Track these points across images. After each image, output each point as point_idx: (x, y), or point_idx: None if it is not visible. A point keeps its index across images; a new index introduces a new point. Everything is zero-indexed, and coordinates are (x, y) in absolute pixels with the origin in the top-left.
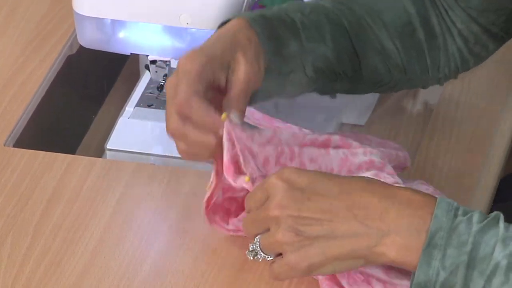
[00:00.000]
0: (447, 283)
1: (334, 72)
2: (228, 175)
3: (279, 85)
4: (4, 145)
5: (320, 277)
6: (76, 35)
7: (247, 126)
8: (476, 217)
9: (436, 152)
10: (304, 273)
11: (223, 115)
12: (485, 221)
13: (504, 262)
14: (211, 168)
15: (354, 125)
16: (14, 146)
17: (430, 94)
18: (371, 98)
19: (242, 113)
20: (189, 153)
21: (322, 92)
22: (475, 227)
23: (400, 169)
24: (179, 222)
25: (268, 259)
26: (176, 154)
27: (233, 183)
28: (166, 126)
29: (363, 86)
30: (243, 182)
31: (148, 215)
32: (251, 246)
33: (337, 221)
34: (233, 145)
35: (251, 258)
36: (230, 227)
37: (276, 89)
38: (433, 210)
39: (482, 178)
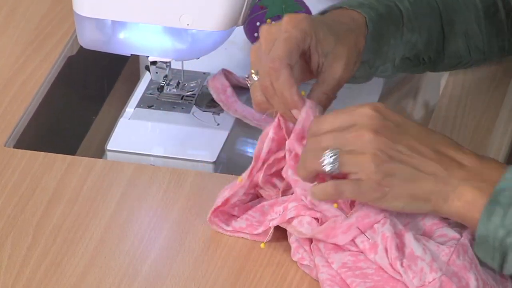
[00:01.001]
0: (505, 242)
1: (419, 59)
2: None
3: (367, 75)
4: (5, 145)
5: (323, 277)
6: (76, 36)
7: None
8: None
9: None
10: (372, 199)
11: (303, 92)
12: None
13: None
14: (211, 169)
15: None
16: (14, 146)
17: (430, 94)
18: (371, 98)
19: (324, 110)
20: (263, 107)
21: (405, 72)
22: None
23: None
24: (179, 223)
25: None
26: (176, 155)
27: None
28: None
29: (441, 67)
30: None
31: (148, 216)
32: (326, 156)
33: (425, 160)
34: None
35: (326, 164)
36: (229, 228)
37: (363, 78)
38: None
39: None
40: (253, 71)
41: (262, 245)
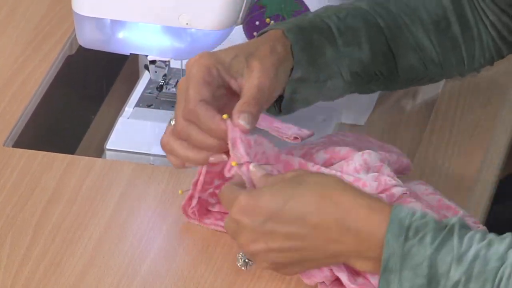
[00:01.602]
0: None
1: (370, 74)
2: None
3: (317, 92)
4: (4, 145)
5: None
6: (75, 35)
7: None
8: (428, 237)
9: (436, 152)
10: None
11: (225, 115)
12: (439, 240)
13: (463, 279)
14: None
15: (354, 125)
16: (13, 146)
17: (430, 94)
18: (371, 97)
19: (252, 118)
20: (180, 163)
21: (359, 92)
22: (428, 249)
23: (401, 173)
24: (178, 222)
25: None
26: None
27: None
28: (164, 135)
29: (399, 83)
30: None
31: (147, 215)
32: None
33: (302, 248)
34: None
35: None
36: (208, 221)
37: (314, 96)
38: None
39: (481, 178)
40: (172, 119)
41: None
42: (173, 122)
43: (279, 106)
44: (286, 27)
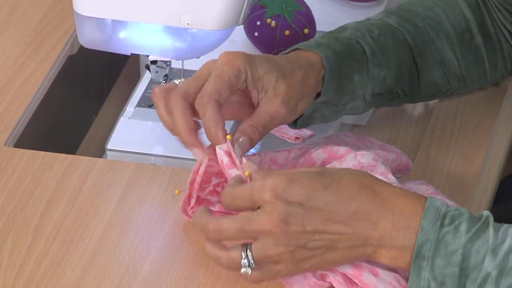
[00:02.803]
0: None
1: (392, 93)
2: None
3: (336, 114)
4: (5, 145)
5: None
6: (76, 35)
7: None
8: (464, 226)
9: (437, 152)
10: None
11: (228, 136)
12: (474, 230)
13: (494, 273)
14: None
15: (355, 125)
16: (14, 146)
17: None
18: None
19: (249, 145)
20: (168, 125)
21: (376, 107)
22: (463, 237)
23: (402, 173)
24: (179, 223)
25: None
26: (176, 154)
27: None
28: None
29: (419, 98)
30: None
31: (148, 215)
32: (243, 261)
33: (337, 232)
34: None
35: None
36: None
37: (333, 116)
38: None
39: (482, 179)
40: (181, 80)
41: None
42: (179, 83)
43: (295, 121)
44: (325, 54)
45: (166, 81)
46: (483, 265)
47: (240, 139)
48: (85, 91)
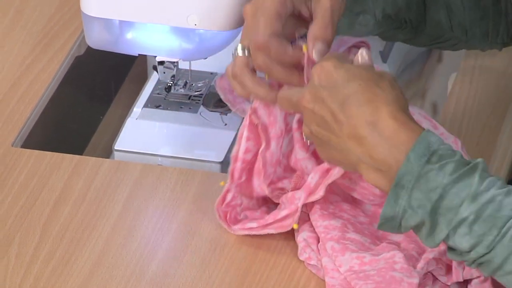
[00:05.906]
0: (412, 221)
1: (400, 20)
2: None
3: (349, 24)
4: (12, 145)
5: (332, 282)
6: (84, 36)
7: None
8: (450, 167)
9: None
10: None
11: (304, 47)
12: (459, 173)
13: (471, 217)
14: (218, 169)
15: None
16: (22, 146)
17: (438, 95)
18: None
19: (328, 43)
20: (245, 94)
21: (385, 38)
22: (446, 178)
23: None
24: (186, 223)
25: None
26: (183, 155)
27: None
28: (234, 66)
29: (424, 38)
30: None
31: (155, 216)
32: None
33: (333, 130)
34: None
35: None
36: (236, 227)
37: (345, 27)
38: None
39: None
40: (240, 47)
41: (295, 226)
42: (239, 53)
43: None
44: None
45: (173, 82)
46: (460, 208)
47: (315, 48)
48: (93, 91)
